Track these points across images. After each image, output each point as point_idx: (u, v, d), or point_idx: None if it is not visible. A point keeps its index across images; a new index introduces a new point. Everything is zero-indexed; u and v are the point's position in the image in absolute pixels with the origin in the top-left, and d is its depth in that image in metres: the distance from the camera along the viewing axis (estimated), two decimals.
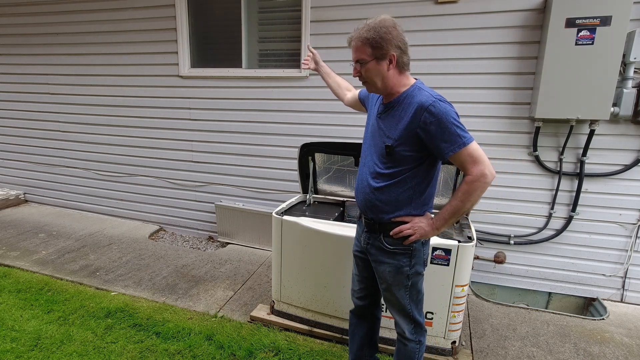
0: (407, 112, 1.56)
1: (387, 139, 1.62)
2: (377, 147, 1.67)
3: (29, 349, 2.35)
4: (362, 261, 1.89)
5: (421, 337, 1.82)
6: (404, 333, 1.80)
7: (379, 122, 1.69)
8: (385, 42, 1.53)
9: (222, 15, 3.84)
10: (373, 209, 1.70)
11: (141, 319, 2.68)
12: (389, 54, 1.55)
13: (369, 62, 1.57)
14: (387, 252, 1.70)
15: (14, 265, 3.38)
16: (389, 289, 1.75)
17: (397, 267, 1.70)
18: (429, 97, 1.52)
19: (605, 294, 3.17)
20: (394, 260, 1.70)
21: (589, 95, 2.72)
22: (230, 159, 4.02)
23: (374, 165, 1.68)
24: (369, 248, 1.77)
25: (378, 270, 1.77)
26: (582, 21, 2.63)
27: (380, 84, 1.61)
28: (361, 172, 1.77)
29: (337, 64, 3.41)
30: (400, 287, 1.72)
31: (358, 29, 1.58)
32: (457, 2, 3.03)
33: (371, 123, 1.76)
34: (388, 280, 1.74)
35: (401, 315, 1.79)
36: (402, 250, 1.68)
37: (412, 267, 1.70)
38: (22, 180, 5.09)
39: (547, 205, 3.15)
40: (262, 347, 2.42)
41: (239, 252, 3.86)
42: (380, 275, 1.77)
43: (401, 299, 1.74)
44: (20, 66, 4.65)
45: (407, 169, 1.61)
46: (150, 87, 4.13)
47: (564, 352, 2.52)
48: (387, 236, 1.69)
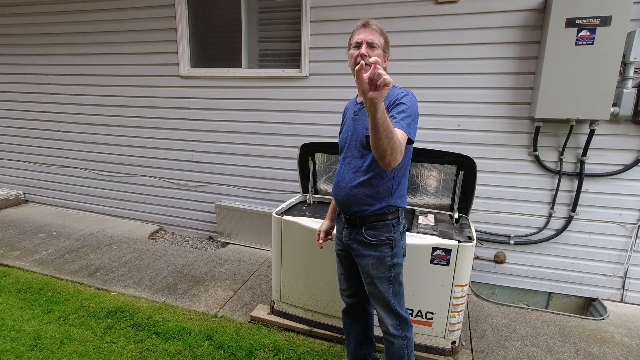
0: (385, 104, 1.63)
1: (366, 130, 1.65)
2: (358, 141, 1.73)
3: (29, 349, 2.35)
4: (345, 259, 1.93)
5: (407, 332, 1.83)
6: (389, 329, 1.81)
7: (356, 119, 1.76)
8: (389, 42, 1.74)
9: (222, 15, 3.84)
10: (356, 203, 1.74)
11: (141, 319, 2.68)
12: (388, 53, 1.75)
13: (379, 49, 1.67)
14: (369, 245, 1.75)
15: (14, 265, 3.38)
16: (372, 282, 1.78)
17: (379, 259, 1.74)
18: (404, 90, 1.69)
19: (605, 294, 3.17)
20: (375, 252, 1.75)
21: (589, 95, 2.72)
22: (230, 159, 4.02)
23: (355, 160, 1.74)
24: (351, 243, 1.81)
25: (361, 264, 1.80)
26: (582, 21, 2.63)
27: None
28: (341, 171, 1.81)
29: (337, 64, 3.44)
30: (384, 279, 1.76)
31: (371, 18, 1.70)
32: (457, 2, 3.03)
33: (347, 124, 1.84)
34: (371, 274, 1.77)
35: (385, 310, 1.81)
36: (383, 241, 1.74)
37: (393, 258, 1.76)
38: (22, 180, 5.09)
39: (547, 205, 3.15)
40: (262, 347, 2.42)
41: (239, 252, 3.86)
42: (363, 269, 1.80)
43: (385, 292, 1.77)
44: (20, 66, 4.65)
45: None
46: (150, 87, 4.13)
47: (564, 352, 2.52)
48: (369, 229, 1.74)
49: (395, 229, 1.76)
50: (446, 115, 3.19)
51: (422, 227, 2.38)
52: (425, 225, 2.43)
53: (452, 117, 3.19)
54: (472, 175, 2.47)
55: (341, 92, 3.47)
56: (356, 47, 1.68)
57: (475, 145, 3.18)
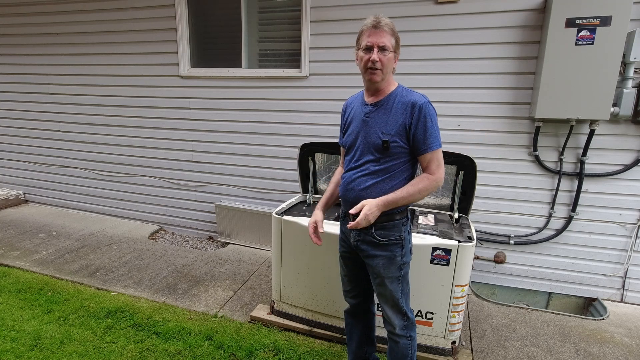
0: (401, 109, 1.68)
1: (382, 134, 1.69)
2: (371, 145, 1.72)
3: (29, 349, 2.35)
4: (350, 260, 1.92)
5: (412, 332, 1.84)
6: (395, 329, 1.81)
7: (368, 123, 1.74)
8: (399, 41, 1.70)
9: (222, 15, 3.84)
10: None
11: (141, 319, 2.68)
12: (398, 52, 1.71)
13: (390, 52, 1.65)
14: (379, 245, 1.74)
15: (14, 265, 3.38)
16: (382, 283, 1.78)
17: (390, 258, 1.75)
18: (421, 97, 1.68)
19: (605, 294, 3.17)
20: (386, 252, 1.74)
21: (589, 95, 2.72)
22: (230, 159, 4.02)
23: (368, 164, 1.73)
24: (360, 244, 1.79)
25: (371, 265, 1.79)
26: (582, 21, 2.63)
27: (387, 76, 1.71)
28: (351, 172, 1.79)
29: (337, 64, 3.44)
30: (393, 279, 1.76)
31: (381, 16, 1.65)
32: (457, 2, 3.03)
33: (357, 125, 1.78)
34: (382, 274, 1.76)
35: (394, 310, 1.80)
36: (394, 241, 1.74)
37: (403, 257, 1.77)
38: (22, 180, 5.09)
39: (547, 205, 3.15)
40: (262, 347, 2.42)
41: (239, 252, 3.86)
42: (373, 270, 1.79)
43: (394, 292, 1.77)
44: (20, 66, 4.65)
45: (400, 163, 1.71)
46: (150, 87, 4.13)
47: (564, 352, 2.52)
48: (379, 229, 1.73)
49: (404, 228, 1.77)
50: (446, 115, 3.19)
51: (422, 227, 2.38)
52: (425, 225, 2.43)
53: (452, 117, 3.19)
54: (472, 175, 2.47)
55: (341, 92, 3.47)
56: (366, 50, 1.64)
57: (475, 145, 3.18)
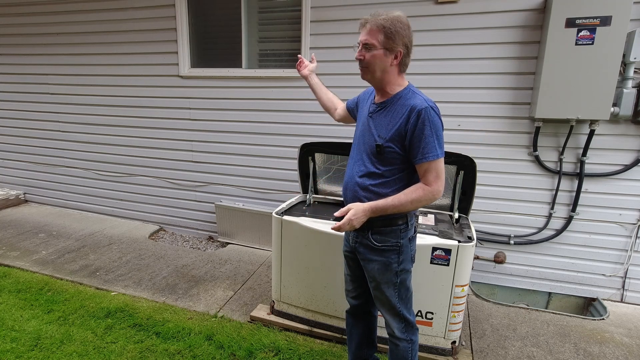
0: (400, 113, 1.60)
1: (378, 138, 1.65)
2: (368, 146, 1.69)
3: (29, 349, 2.35)
4: (352, 261, 1.91)
5: (412, 335, 1.82)
6: (394, 332, 1.81)
7: (370, 122, 1.71)
8: (398, 36, 1.57)
9: (222, 15, 3.84)
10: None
11: (141, 319, 2.68)
12: (397, 49, 1.59)
13: (377, 49, 1.58)
14: (375, 250, 1.72)
15: (14, 265, 3.38)
16: (378, 287, 1.77)
17: (385, 264, 1.72)
18: (423, 102, 1.57)
19: (605, 294, 3.17)
20: (382, 257, 1.72)
21: (589, 95, 2.72)
22: (230, 159, 4.02)
23: (364, 164, 1.70)
24: (357, 247, 1.79)
25: (367, 268, 1.78)
26: (582, 21, 2.63)
27: (379, 75, 1.64)
28: (350, 171, 1.78)
29: (337, 64, 3.44)
30: (389, 284, 1.74)
31: (375, 14, 1.59)
32: (457, 2, 3.03)
33: (362, 122, 1.78)
34: (377, 278, 1.75)
35: (391, 314, 1.80)
36: (390, 247, 1.70)
37: (400, 264, 1.72)
38: (22, 180, 5.09)
39: (547, 205, 3.15)
40: (262, 347, 2.42)
41: (239, 252, 3.86)
42: (369, 274, 1.79)
43: (390, 297, 1.75)
44: (20, 66, 4.65)
45: (396, 170, 1.65)
46: (150, 87, 4.13)
47: (564, 352, 2.52)
48: (375, 233, 1.70)
49: (403, 235, 1.71)
50: (446, 115, 3.15)
51: (422, 227, 2.38)
52: (425, 225, 2.43)
53: (452, 117, 3.19)
54: (472, 175, 2.47)
55: (341, 92, 3.44)
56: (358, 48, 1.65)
57: (475, 145, 3.18)
